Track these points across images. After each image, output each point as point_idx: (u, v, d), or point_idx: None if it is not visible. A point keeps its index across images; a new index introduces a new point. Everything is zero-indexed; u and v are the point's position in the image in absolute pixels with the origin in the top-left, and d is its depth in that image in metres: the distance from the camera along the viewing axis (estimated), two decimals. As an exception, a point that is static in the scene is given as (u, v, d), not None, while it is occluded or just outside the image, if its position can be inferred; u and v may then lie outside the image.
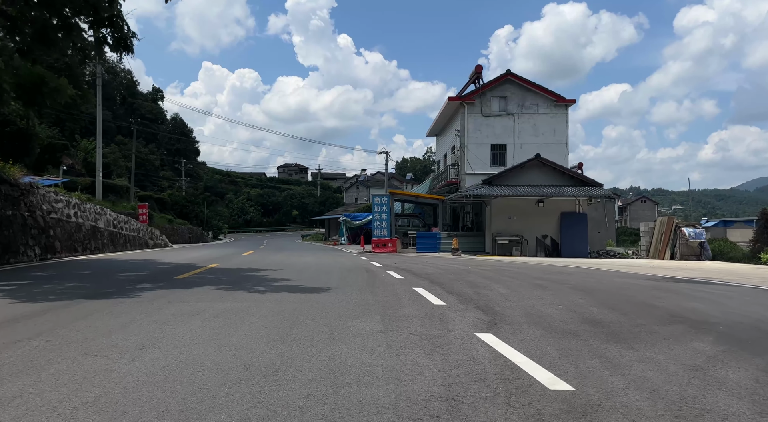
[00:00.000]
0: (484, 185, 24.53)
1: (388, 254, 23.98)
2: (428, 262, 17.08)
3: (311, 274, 11.24)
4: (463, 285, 9.39)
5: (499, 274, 12.31)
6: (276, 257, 18.46)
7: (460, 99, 32.00)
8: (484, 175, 31.50)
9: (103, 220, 20.56)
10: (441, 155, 40.36)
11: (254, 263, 14.13)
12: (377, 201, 26.54)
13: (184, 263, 13.95)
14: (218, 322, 5.33)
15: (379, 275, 11.43)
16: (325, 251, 27.43)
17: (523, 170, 24.92)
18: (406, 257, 21.74)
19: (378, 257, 21.01)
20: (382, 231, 26.25)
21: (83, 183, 39.36)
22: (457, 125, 32.85)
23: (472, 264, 16.30)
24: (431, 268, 14.05)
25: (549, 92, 32.04)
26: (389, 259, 18.89)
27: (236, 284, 8.90)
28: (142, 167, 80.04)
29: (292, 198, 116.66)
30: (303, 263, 14.77)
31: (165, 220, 46.99)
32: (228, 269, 12.23)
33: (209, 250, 25.23)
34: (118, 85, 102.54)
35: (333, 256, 20.38)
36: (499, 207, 24.75)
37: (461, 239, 25.68)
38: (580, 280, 11.11)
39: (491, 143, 32.04)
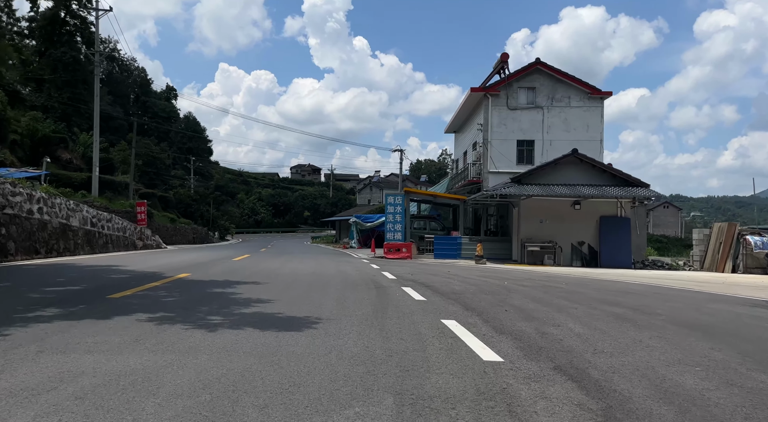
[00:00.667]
0: (513, 184, 21.61)
1: (401, 261, 21.15)
2: (451, 273, 14.22)
3: (301, 291, 8.44)
4: (513, 316, 6.53)
5: (549, 294, 9.41)
6: (271, 263, 15.73)
7: (484, 90, 29.10)
8: (510, 174, 28.50)
9: (77, 217, 18.00)
10: (460, 153, 37.43)
11: (236, 273, 11.39)
12: (390, 201, 23.75)
13: (151, 271, 11.25)
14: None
15: (392, 294, 8.61)
16: (331, 255, 24.67)
17: (557, 168, 21.96)
18: (423, 265, 18.89)
19: (390, 264, 18.20)
20: (396, 234, 23.46)
21: (78, 178, 37.11)
22: (479, 119, 29.94)
23: (505, 276, 13.42)
24: (458, 282, 11.19)
25: (582, 83, 29.02)
26: (404, 267, 16.06)
27: (185, 310, 6.14)
28: (153, 165, 78.25)
29: (303, 199, 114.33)
30: (298, 273, 12.01)
31: (167, 219, 44.64)
32: (197, 281, 9.49)
33: (201, 253, 22.61)
34: (131, 84, 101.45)
35: (338, 262, 17.61)
36: (529, 209, 21.82)
37: (485, 244, 22.77)
38: (667, 307, 8.18)
39: (517, 138, 29.11)
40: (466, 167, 33.54)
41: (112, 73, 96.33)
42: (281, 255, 21.71)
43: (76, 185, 36.30)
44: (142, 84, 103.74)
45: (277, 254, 23.59)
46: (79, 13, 70.34)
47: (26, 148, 36.41)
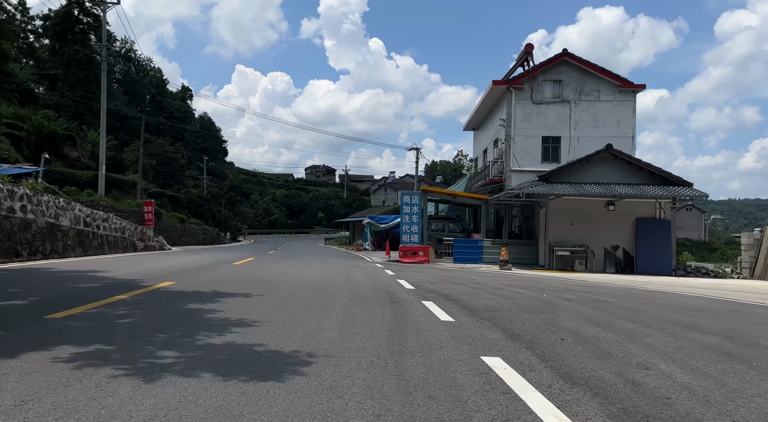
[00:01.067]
0: (540, 183, 19.82)
1: (418, 266, 19.47)
2: (477, 281, 12.50)
3: (299, 308, 6.82)
4: (576, 348, 4.84)
5: (602, 311, 7.68)
6: (273, 268, 14.15)
7: (507, 83, 27.30)
8: (534, 172, 26.69)
9: (68, 216, 16.62)
10: (480, 151, 35.62)
11: (229, 282, 9.82)
12: (407, 200, 22.10)
13: (130, 278, 9.72)
14: None
15: (411, 311, 6.96)
16: (342, 258, 23.06)
17: (588, 165, 20.12)
18: (442, 270, 17.20)
19: (406, 269, 16.55)
20: (412, 237, 21.79)
21: (84, 177, 36.04)
22: (501, 114, 28.15)
23: (538, 286, 11.69)
24: (487, 294, 9.50)
25: (613, 76, 27.08)
26: (422, 274, 14.38)
27: (133, 340, 4.55)
28: (168, 165, 77.64)
29: (317, 199, 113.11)
30: (301, 282, 10.40)
31: (176, 219, 43.46)
32: (176, 293, 7.93)
33: (204, 255, 21.14)
34: (147, 84, 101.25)
35: (349, 268, 15.99)
36: (557, 210, 20.01)
37: (509, 248, 20.99)
38: (765, 332, 6.41)
39: (542, 134, 27.24)
40: (486, 166, 31.74)
41: (128, 74, 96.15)
42: (288, 258, 20.17)
43: (82, 184, 35.23)
44: (158, 84, 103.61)
45: (285, 257, 22.06)
46: (92, 10, 69.97)
47: (31, 145, 35.37)
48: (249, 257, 19.34)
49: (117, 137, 70.11)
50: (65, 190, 34.56)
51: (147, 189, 45.66)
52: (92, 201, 33.92)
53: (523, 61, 28.67)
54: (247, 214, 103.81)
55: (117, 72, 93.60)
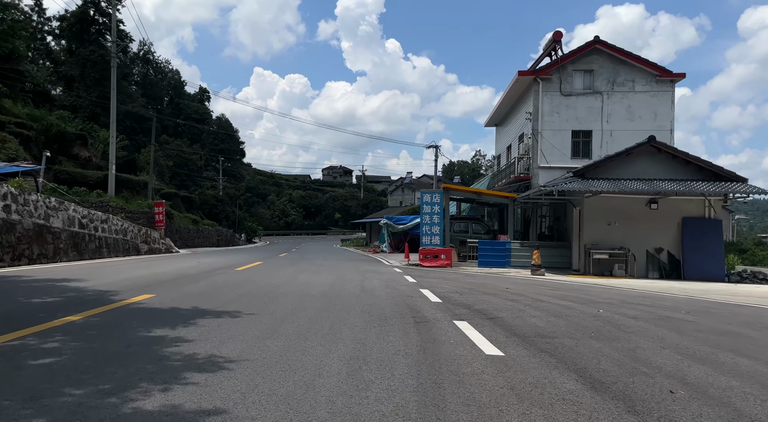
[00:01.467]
0: (575, 179, 18.00)
1: (441, 270, 17.80)
2: (512, 291, 10.79)
3: (294, 336, 5.22)
4: (707, 412, 3.14)
5: (692, 338, 5.93)
6: (279, 274, 12.60)
7: (533, 73, 25.48)
8: (563, 169, 24.84)
9: (60, 217, 15.29)
10: (503, 148, 33.79)
11: (218, 295, 8.28)
12: (427, 199, 20.41)
13: (104, 290, 8.24)
14: None
15: (443, 338, 5.31)
16: (358, 262, 21.47)
17: (628, 159, 18.22)
18: (468, 276, 15.49)
19: (428, 275, 14.89)
20: (433, 238, 20.11)
21: (94, 177, 35.03)
22: (527, 107, 26.33)
23: (585, 296, 9.95)
24: (531, 309, 7.81)
25: (649, 64, 25.10)
26: (447, 281, 12.72)
27: (25, 404, 2.97)
28: (185, 166, 77.16)
29: (334, 200, 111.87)
30: (307, 293, 8.82)
31: (188, 220, 42.37)
32: (146, 311, 6.39)
33: (208, 259, 19.70)
34: (166, 86, 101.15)
35: (365, 273, 14.38)
36: (594, 209, 18.16)
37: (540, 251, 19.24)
38: None
39: (572, 128, 25.38)
40: (510, 163, 29.91)
41: (147, 76, 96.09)
42: (299, 262, 18.63)
43: (92, 184, 34.25)
44: (176, 86, 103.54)
45: (296, 260, 20.53)
46: (107, 10, 69.61)
47: (40, 145, 34.46)
48: (256, 261, 17.84)
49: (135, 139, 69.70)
50: (74, 190, 33.62)
51: (159, 190, 44.67)
52: (101, 202, 32.92)
53: (551, 51, 26.81)
54: (264, 215, 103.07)
55: (135, 74, 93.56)
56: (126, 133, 69.40)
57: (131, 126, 69.09)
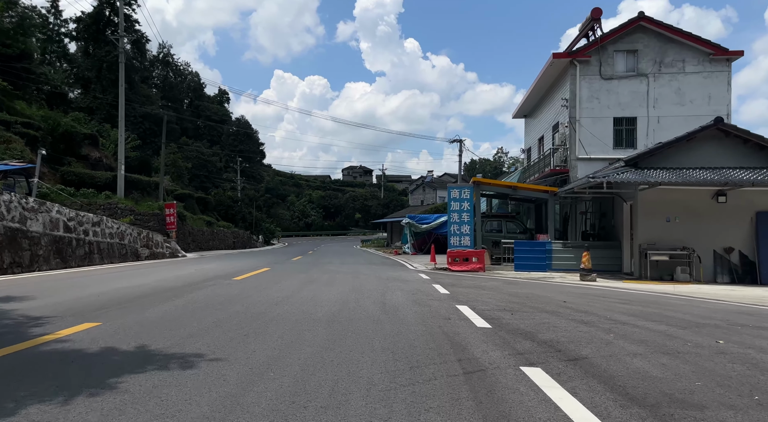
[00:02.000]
0: (628, 169, 15.58)
1: (473, 276, 15.56)
2: (574, 307, 8.51)
3: (268, 411, 3.06)
4: None
5: None
6: (283, 286, 10.51)
7: (570, 55, 23.04)
8: (605, 160, 22.41)
9: (40, 220, 13.46)
10: (533, 140, 31.32)
11: (189, 319, 6.21)
12: (455, 195, 18.13)
13: (35, 315, 6.23)
14: None
15: (517, 413, 3.11)
16: (378, 266, 19.33)
17: (690, 145, 15.73)
18: (508, 283, 13.22)
19: (461, 282, 12.66)
20: (463, 239, 17.86)
21: (103, 178, 33.54)
22: (563, 93, 23.89)
23: (678, 314, 7.66)
24: (621, 340, 5.55)
25: (702, 42, 22.45)
26: (487, 292, 10.49)
27: None
28: (204, 168, 76.23)
29: (354, 200, 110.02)
30: (308, 316, 6.70)
31: (202, 222, 40.75)
32: (61, 354, 4.35)
33: (210, 264, 17.74)
34: (185, 88, 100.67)
35: (386, 282, 12.22)
36: (650, 203, 15.71)
37: (581, 251, 16.88)
38: None
39: (614, 115, 22.89)
40: (543, 156, 27.47)
41: (167, 79, 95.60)
42: (312, 268, 16.54)
43: (100, 185, 32.77)
44: (196, 88, 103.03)
45: (309, 264, 18.46)
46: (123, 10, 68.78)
47: (47, 145, 33.08)
48: (263, 267, 15.78)
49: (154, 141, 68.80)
50: (82, 192, 32.15)
51: (173, 191, 43.19)
52: (110, 204, 31.37)
53: (589, 30, 24.35)
54: (284, 216, 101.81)
55: (155, 77, 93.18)
56: (145, 135, 68.61)
57: (150, 128, 68.36)
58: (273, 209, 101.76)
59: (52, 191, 29.20)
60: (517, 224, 20.97)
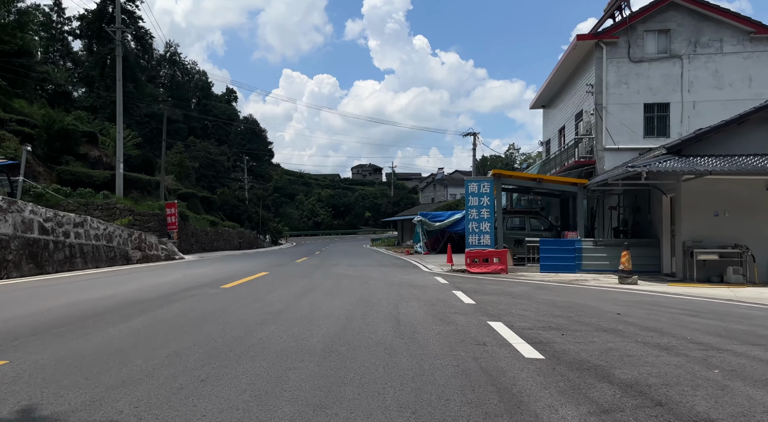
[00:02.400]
0: (669, 156, 13.82)
1: (495, 279, 13.89)
2: (630, 319, 6.81)
3: None
4: None
5: None
6: (277, 295, 8.90)
7: (595, 37, 21.24)
8: (634, 150, 20.64)
9: (10, 221, 11.98)
10: (553, 131, 29.51)
11: (135, 352, 4.61)
12: (473, 189, 16.39)
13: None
14: None
15: None
16: (389, 268, 17.70)
17: (740, 130, 13.92)
18: (538, 287, 11.52)
19: (484, 287, 11.00)
20: (482, 237, 16.17)
21: (101, 177, 32.20)
22: (588, 78, 22.09)
23: (745, 328, 5.99)
24: (739, 382, 3.86)
25: (741, 19, 20.59)
26: (518, 300, 8.82)
27: None
28: (212, 168, 75.07)
29: (364, 198, 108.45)
30: (300, 342, 5.10)
31: (206, 222, 39.36)
32: None
33: (206, 269, 16.18)
34: (193, 88, 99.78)
35: (398, 289, 10.59)
36: (695, 195, 13.94)
37: (614, 251, 15.16)
38: None
39: (644, 101, 21.08)
40: (564, 147, 25.68)
41: (174, 78, 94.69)
42: (315, 271, 14.95)
43: (98, 185, 31.43)
44: (203, 88, 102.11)
45: (314, 267, 16.88)
46: (126, 7, 67.76)
47: (42, 143, 31.85)
48: (261, 272, 14.18)
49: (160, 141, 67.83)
50: (78, 191, 30.86)
51: (176, 190, 41.84)
52: (108, 204, 30.02)
53: (615, 10, 22.53)
54: (293, 215, 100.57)
55: (162, 76, 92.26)
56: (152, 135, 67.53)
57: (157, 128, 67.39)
58: (282, 209, 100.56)
59: (47, 190, 27.94)
60: (542, 221, 19.13)
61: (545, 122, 31.75)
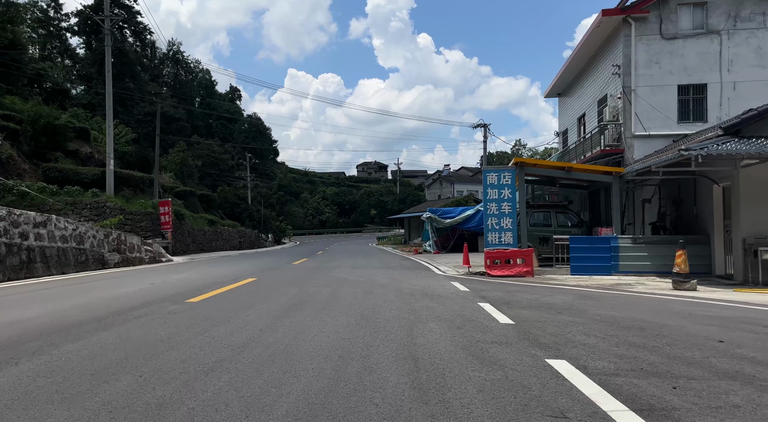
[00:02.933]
0: (729, 138, 11.75)
1: (522, 283, 11.86)
2: (741, 352, 4.76)
3: None
4: None
5: None
6: (259, 311, 6.91)
7: (623, 12, 19.13)
8: (668, 136, 18.58)
9: (-52, 219, 10.04)
10: (571, 121, 27.39)
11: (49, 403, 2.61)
12: (492, 180, 14.28)
13: None
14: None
15: None
16: (398, 272, 15.70)
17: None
18: (580, 296, 9.47)
19: (513, 296, 8.98)
20: (503, 235, 14.14)
21: (90, 174, 30.34)
22: (614, 58, 19.98)
23: None
24: None
25: (788, -12, 18.40)
26: (563, 316, 6.79)
27: None
28: (216, 166, 73.51)
29: (369, 196, 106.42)
30: (261, 405, 3.08)
31: (204, 221, 37.48)
32: None
33: (186, 274, 14.20)
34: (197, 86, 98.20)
35: (410, 300, 8.58)
36: (756, 183, 11.89)
37: (656, 249, 13.12)
38: None
39: (678, 83, 18.98)
40: (585, 137, 23.58)
41: (177, 76, 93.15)
42: (312, 276, 12.96)
43: (87, 182, 29.60)
44: (207, 86, 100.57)
45: (311, 271, 14.89)
46: (123, 1, 66.04)
47: (27, 138, 30.06)
48: (249, 277, 12.21)
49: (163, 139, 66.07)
50: (66, 190, 29.07)
51: (173, 188, 40.00)
52: (97, 202, 28.18)
53: (644, -18, 20.37)
54: (297, 214, 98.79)
55: (165, 75, 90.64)
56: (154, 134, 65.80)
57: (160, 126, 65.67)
58: (286, 207, 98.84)
59: (31, 189, 26.14)
60: (570, 216, 16.92)
61: (561, 110, 29.62)
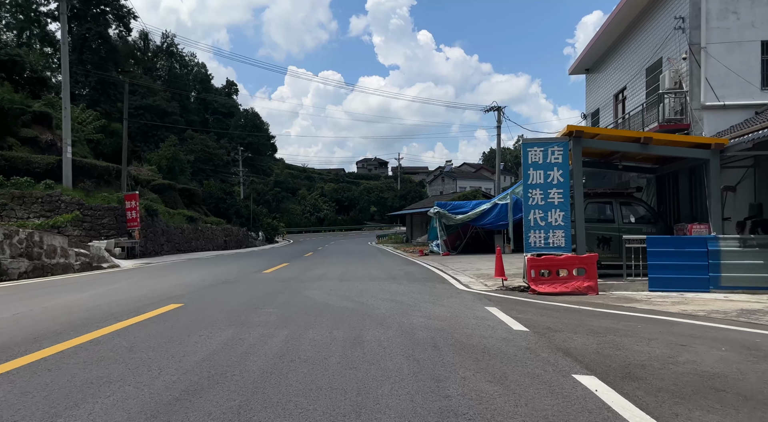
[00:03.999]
0: None
1: (600, 312, 7.75)
2: None
3: None
4: None
5: None
6: (188, 355, 2.82)
7: (689, -52, 14.99)
8: (750, 107, 14.49)
9: None
10: (604, 99, 23.22)
11: None
12: (535, 158, 10.05)
13: None
14: None
15: None
16: (402, 284, 11.54)
17: None
18: (743, 348, 5.34)
19: (620, 344, 4.91)
20: (553, 235, 10.02)
21: (44, 163, 26.22)
22: (675, 10, 15.83)
23: None
24: None
25: None
26: None
27: None
28: (210, 162, 69.83)
29: (369, 192, 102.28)
30: None
31: (182, 218, 33.32)
32: None
33: (113, 288, 10.06)
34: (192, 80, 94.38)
35: (434, 372, 4.49)
36: None
37: (736, 255, 9.03)
38: None
39: (763, 38, 14.89)
40: (626, 116, 19.47)
41: (171, 70, 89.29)
42: (275, 298, 8.83)
43: (40, 173, 25.54)
44: (203, 80, 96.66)
45: (282, 284, 10.77)
46: (102, -18, 61.87)
47: (-29, 122, 25.94)
48: (172, 302, 8.09)
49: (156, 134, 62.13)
50: (13, 181, 24.99)
51: (150, 181, 35.88)
52: (51, 195, 24.06)
53: None
54: (294, 210, 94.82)
55: (159, 68, 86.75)
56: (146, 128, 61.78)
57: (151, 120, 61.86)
58: (283, 204, 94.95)
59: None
60: (640, 208, 12.39)
61: (590, 88, 25.46)
